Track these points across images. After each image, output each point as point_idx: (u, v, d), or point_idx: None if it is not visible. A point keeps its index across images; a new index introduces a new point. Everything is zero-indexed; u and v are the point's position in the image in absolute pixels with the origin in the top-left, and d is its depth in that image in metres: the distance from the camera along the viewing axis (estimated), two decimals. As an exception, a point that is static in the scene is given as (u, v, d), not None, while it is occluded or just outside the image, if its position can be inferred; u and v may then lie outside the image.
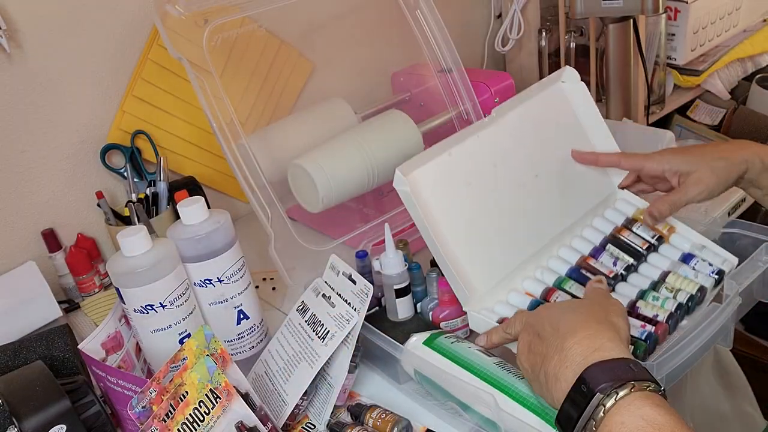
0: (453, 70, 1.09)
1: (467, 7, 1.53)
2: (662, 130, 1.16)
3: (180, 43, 0.92)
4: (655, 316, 0.71)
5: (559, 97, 0.89)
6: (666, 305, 0.72)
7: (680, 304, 0.72)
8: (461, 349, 0.69)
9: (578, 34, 1.44)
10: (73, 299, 1.06)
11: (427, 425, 0.70)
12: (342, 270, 0.75)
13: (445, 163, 0.75)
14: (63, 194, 1.07)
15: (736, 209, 1.06)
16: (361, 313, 0.70)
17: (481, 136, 0.79)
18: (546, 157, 0.84)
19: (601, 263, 0.80)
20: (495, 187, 0.79)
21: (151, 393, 0.63)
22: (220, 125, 0.90)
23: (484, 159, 0.79)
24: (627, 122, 1.22)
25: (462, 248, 0.74)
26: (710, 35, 1.49)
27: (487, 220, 0.77)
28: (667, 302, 0.73)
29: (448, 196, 0.75)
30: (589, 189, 0.87)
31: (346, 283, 0.74)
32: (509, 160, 0.81)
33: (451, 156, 0.76)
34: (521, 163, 0.82)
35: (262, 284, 1.01)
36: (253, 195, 0.91)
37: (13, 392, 0.66)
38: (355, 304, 0.72)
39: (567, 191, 0.85)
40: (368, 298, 0.71)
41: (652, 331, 0.68)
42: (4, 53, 0.96)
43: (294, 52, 1.24)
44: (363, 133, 1.01)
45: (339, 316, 0.71)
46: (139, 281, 0.70)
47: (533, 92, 0.87)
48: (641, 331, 0.68)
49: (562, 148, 0.86)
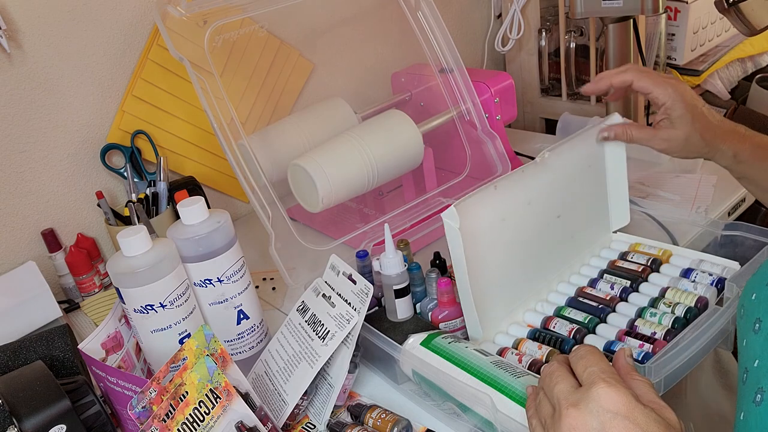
0: (454, 70, 1.09)
1: (467, 7, 1.53)
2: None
3: (181, 44, 0.92)
4: (653, 333, 0.71)
5: (596, 142, 0.88)
6: (663, 321, 0.72)
7: (677, 318, 0.72)
8: (459, 350, 0.69)
9: (578, 34, 1.44)
10: (73, 299, 1.06)
11: (426, 425, 0.70)
12: (342, 270, 0.75)
13: (489, 197, 0.75)
14: (63, 194, 1.07)
15: (735, 209, 1.06)
16: (361, 313, 0.70)
17: (526, 171, 0.78)
18: (570, 198, 0.84)
19: (599, 290, 0.80)
20: (524, 226, 0.78)
21: (151, 393, 0.63)
22: (221, 125, 0.90)
23: (521, 196, 0.78)
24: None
25: (485, 283, 0.74)
26: (710, 35, 1.49)
27: (511, 256, 0.77)
28: (665, 317, 0.72)
29: (484, 230, 0.74)
30: (590, 231, 0.88)
31: (347, 283, 0.74)
32: (542, 198, 0.80)
33: (496, 189, 0.75)
34: (551, 202, 0.81)
35: (262, 284, 1.01)
36: (253, 195, 0.91)
37: (13, 392, 0.66)
38: (355, 304, 0.72)
39: (575, 232, 0.85)
40: (368, 298, 0.71)
41: (649, 351, 0.68)
42: (4, 53, 0.96)
43: (294, 52, 1.24)
44: (363, 133, 1.01)
45: (339, 316, 0.71)
46: (139, 281, 0.70)
47: (582, 133, 0.85)
48: (638, 352, 0.68)
49: (583, 191, 0.86)
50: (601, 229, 0.90)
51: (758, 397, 0.47)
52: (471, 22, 1.55)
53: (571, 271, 0.85)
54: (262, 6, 0.99)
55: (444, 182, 1.10)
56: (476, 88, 1.11)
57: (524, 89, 1.58)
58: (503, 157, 1.10)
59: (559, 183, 0.82)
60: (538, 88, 1.56)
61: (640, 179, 1.12)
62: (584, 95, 1.16)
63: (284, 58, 1.23)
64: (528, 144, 1.33)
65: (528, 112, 1.59)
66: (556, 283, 0.83)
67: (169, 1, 0.93)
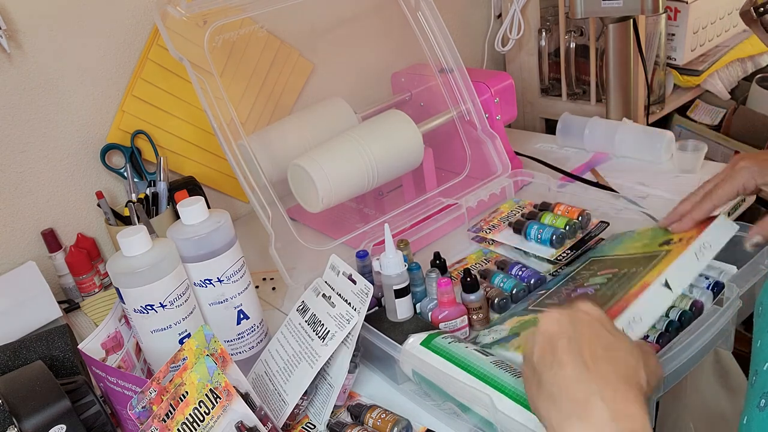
0: (454, 70, 1.09)
1: (467, 7, 1.53)
2: (662, 130, 1.16)
3: (181, 44, 0.92)
4: (646, 337, 0.71)
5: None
6: (657, 325, 0.72)
7: (671, 321, 0.72)
8: (458, 350, 0.69)
9: (578, 34, 1.44)
10: (73, 299, 1.06)
11: (426, 425, 0.70)
12: (342, 270, 0.75)
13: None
14: (63, 194, 1.07)
15: (735, 210, 1.06)
16: (361, 313, 0.70)
17: None
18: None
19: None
20: None
21: (151, 393, 0.63)
22: (221, 125, 0.90)
23: None
24: (627, 122, 1.22)
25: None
26: (710, 35, 1.49)
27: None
28: (659, 321, 0.72)
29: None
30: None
31: (347, 282, 0.74)
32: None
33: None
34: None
35: (262, 284, 1.01)
36: (253, 195, 0.91)
37: (13, 392, 0.66)
38: (355, 304, 0.72)
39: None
40: (368, 298, 0.71)
41: None
42: (4, 53, 0.96)
43: (294, 52, 1.24)
44: (363, 133, 1.01)
45: (339, 315, 0.71)
46: (139, 281, 0.70)
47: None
48: None
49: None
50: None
51: (762, 402, 0.47)
52: (471, 22, 1.55)
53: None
54: (262, 6, 0.99)
55: (444, 182, 1.10)
56: (476, 88, 1.11)
57: (524, 89, 1.58)
58: (503, 157, 1.10)
59: None
60: (538, 88, 1.56)
61: (640, 179, 1.12)
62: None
63: (284, 58, 1.23)
64: (528, 144, 1.33)
65: (528, 112, 1.59)
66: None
67: (169, 1, 0.93)
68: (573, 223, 0.91)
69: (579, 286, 0.77)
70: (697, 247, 0.70)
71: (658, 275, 0.67)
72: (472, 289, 0.80)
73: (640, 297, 0.64)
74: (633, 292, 0.67)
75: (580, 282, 0.78)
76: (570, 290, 0.77)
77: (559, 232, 0.89)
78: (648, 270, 0.70)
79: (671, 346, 0.65)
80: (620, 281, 0.71)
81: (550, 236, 0.90)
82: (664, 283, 0.66)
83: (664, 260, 0.70)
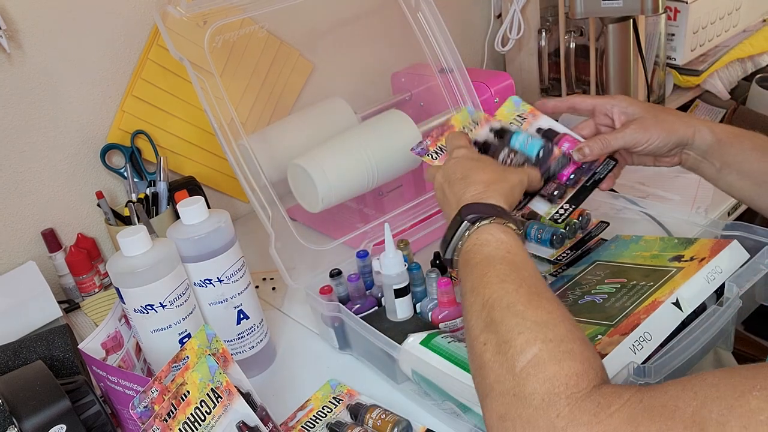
0: (454, 70, 1.09)
1: (467, 7, 1.53)
2: (662, 130, 1.16)
3: (181, 44, 0.92)
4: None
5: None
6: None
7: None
8: (458, 349, 0.69)
9: (578, 34, 1.44)
10: (73, 299, 1.06)
11: (426, 425, 0.70)
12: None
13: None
14: (63, 194, 1.07)
15: (735, 209, 1.06)
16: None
17: None
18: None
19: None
20: None
21: (152, 393, 0.63)
22: (221, 125, 0.90)
23: None
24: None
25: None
26: (710, 35, 1.49)
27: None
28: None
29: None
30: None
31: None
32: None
33: None
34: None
35: (262, 284, 1.02)
36: (253, 195, 0.91)
37: (13, 392, 0.66)
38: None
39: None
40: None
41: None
42: (4, 53, 0.96)
43: (294, 52, 1.24)
44: (363, 133, 1.01)
45: None
46: (139, 281, 0.70)
47: None
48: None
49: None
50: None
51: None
52: (471, 22, 1.55)
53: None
54: (262, 6, 0.99)
55: (444, 182, 1.09)
56: (476, 88, 1.11)
57: (524, 89, 1.58)
58: (503, 157, 1.10)
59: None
60: (538, 88, 1.56)
61: (640, 179, 1.12)
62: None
63: (284, 58, 1.23)
64: (528, 144, 1.33)
65: (528, 112, 1.59)
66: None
67: (169, 1, 0.93)
68: (573, 223, 0.91)
69: (587, 293, 0.77)
70: (709, 270, 0.70)
71: (669, 294, 0.68)
72: (472, 289, 0.80)
73: (652, 315, 0.65)
74: (643, 308, 0.67)
75: (588, 289, 0.78)
76: (577, 296, 0.77)
77: (559, 232, 0.90)
78: (659, 286, 0.70)
79: (671, 346, 0.65)
80: (629, 293, 0.72)
81: (550, 236, 0.90)
82: (675, 302, 0.67)
83: (674, 279, 0.71)
